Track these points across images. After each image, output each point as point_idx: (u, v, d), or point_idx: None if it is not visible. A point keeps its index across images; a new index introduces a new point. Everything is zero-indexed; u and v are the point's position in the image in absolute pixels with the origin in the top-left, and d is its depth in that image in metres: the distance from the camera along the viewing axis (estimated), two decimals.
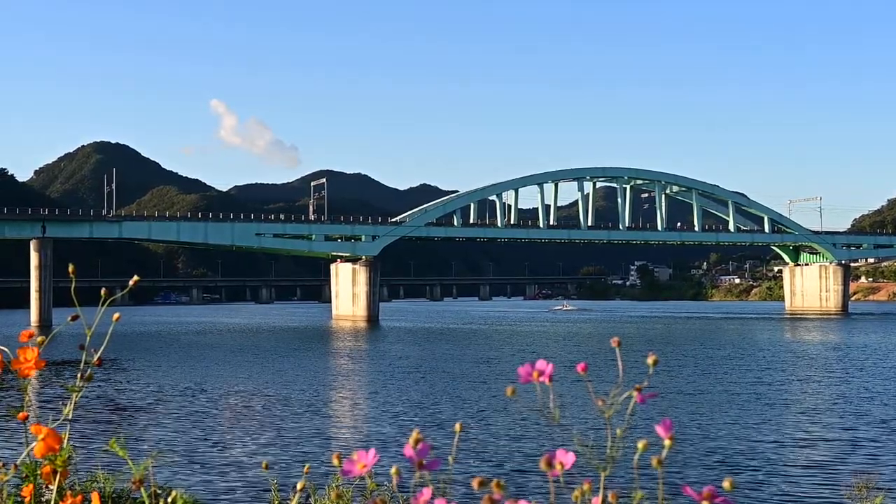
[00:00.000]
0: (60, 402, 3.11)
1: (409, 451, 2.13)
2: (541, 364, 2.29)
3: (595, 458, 2.18)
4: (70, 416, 2.98)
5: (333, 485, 9.43)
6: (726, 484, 2.07)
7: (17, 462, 2.94)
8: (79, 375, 2.95)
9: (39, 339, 2.81)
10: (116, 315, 3.03)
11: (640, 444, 2.20)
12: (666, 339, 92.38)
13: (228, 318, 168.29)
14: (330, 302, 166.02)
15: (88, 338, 2.97)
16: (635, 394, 2.25)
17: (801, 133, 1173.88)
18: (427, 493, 2.03)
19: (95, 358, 2.98)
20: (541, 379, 2.26)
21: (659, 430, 2.16)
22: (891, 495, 19.91)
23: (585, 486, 2.20)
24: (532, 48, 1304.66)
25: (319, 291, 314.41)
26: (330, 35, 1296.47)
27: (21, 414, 2.91)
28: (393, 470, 2.23)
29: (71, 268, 3.41)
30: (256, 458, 26.33)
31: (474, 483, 2.02)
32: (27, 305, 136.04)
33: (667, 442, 2.16)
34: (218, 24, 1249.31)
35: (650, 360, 2.34)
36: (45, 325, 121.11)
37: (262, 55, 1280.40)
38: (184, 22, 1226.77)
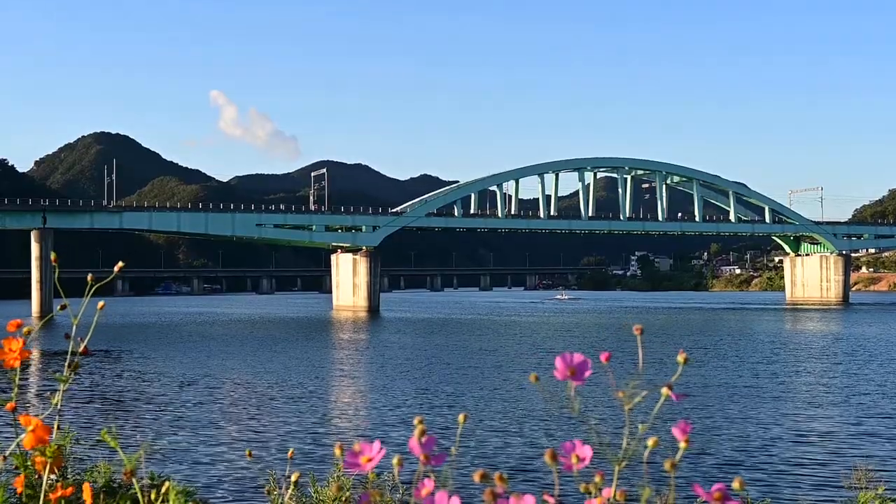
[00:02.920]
0: (50, 393, 3.12)
1: (414, 444, 2.05)
2: (578, 358, 2.18)
3: (609, 453, 2.11)
4: (59, 406, 2.95)
5: (335, 475, 9.38)
6: (736, 484, 2.02)
7: (6, 453, 2.92)
8: (66, 365, 2.93)
9: (26, 329, 2.77)
10: (101, 304, 2.99)
11: (651, 442, 2.12)
12: (666, 330, 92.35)
13: (229, 308, 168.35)
14: (331, 292, 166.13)
15: (74, 327, 2.94)
16: (666, 391, 2.15)
17: (802, 123, 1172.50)
18: (429, 484, 1.97)
19: (81, 347, 2.95)
20: (577, 382, 2.15)
21: (675, 431, 2.06)
22: (892, 484, 19.89)
23: (597, 479, 2.14)
24: (533, 39, 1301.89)
25: (320, 282, 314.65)
26: (330, 25, 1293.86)
27: (9, 404, 2.87)
28: (395, 460, 2.18)
29: (53, 256, 3.38)
30: (254, 449, 26.36)
31: (476, 476, 1.96)
32: (28, 296, 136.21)
33: (682, 445, 2.07)
34: (217, 14, 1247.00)
35: (680, 359, 2.24)
36: (46, 315, 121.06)
37: (261, 46, 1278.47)
38: (184, 14, 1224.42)
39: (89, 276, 2.96)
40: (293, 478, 3.14)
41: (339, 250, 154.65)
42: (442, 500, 1.90)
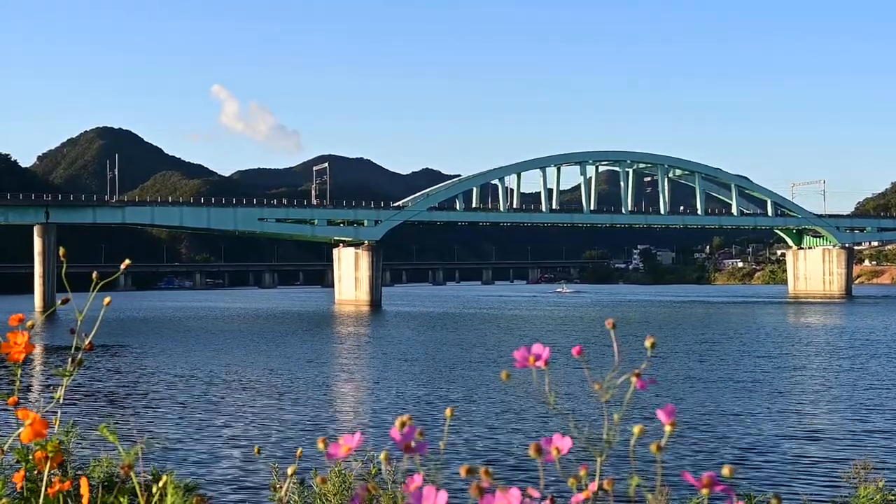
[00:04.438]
0: (52, 388, 3.12)
1: (395, 434, 2.08)
2: (537, 348, 2.22)
3: (591, 444, 2.13)
4: (61, 401, 2.96)
5: (335, 468, 9.40)
6: (726, 471, 2.03)
7: (5, 447, 2.92)
8: (70, 360, 2.94)
9: (29, 323, 2.76)
10: (107, 299, 3.00)
11: (636, 429, 2.14)
12: (668, 323, 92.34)
13: (231, 303, 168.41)
14: (333, 286, 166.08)
15: (79, 322, 2.95)
16: (634, 379, 2.18)
17: (805, 116, 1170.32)
18: (418, 478, 1.98)
19: (86, 342, 2.95)
20: (537, 364, 2.19)
21: (660, 414, 2.09)
22: (892, 478, 19.90)
23: (581, 472, 2.15)
24: (534, 33, 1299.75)
25: (322, 276, 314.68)
26: (331, 20, 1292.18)
27: (11, 399, 2.87)
28: (382, 455, 2.23)
29: (62, 251, 3.37)
30: (257, 443, 26.40)
31: (462, 471, 1.97)
32: (32, 291, 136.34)
33: (667, 428, 2.09)
34: (218, 9, 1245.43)
35: (648, 343, 2.26)
36: (49, 310, 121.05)
37: (263, 41, 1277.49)
38: (184, 9, 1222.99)
39: (94, 274, 2.96)
40: (290, 471, 3.14)
41: (342, 244, 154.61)
42: (429, 495, 1.90)
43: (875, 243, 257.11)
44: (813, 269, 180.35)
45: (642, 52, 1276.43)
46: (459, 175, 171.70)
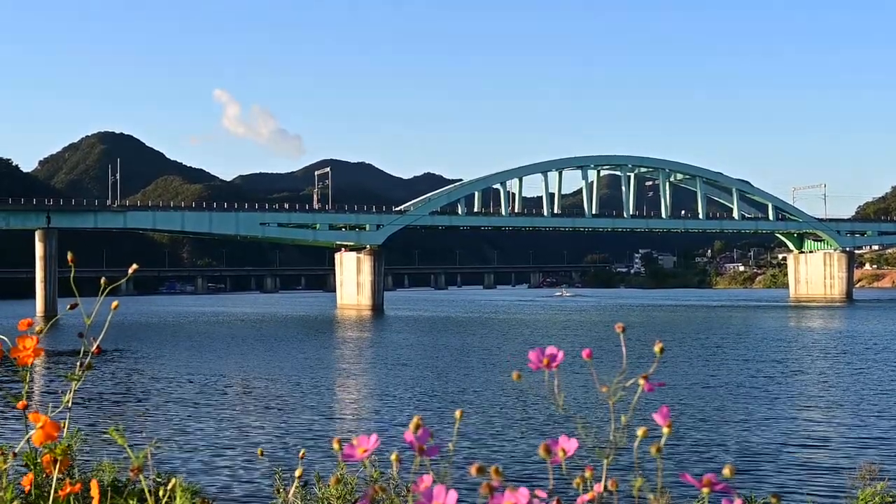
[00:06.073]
0: (60, 392, 3.11)
1: (409, 436, 2.09)
2: (551, 350, 2.23)
3: (598, 446, 2.15)
4: (70, 405, 2.98)
5: (337, 473, 9.42)
6: (726, 471, 2.03)
7: (16, 450, 2.94)
8: (78, 364, 2.97)
9: (38, 327, 2.81)
10: (115, 303, 3.01)
11: (640, 432, 2.15)
12: (670, 327, 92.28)
13: (233, 307, 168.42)
14: (335, 291, 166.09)
15: (88, 327, 2.97)
16: (642, 382, 2.19)
17: (806, 120, 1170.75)
18: (427, 479, 1.98)
19: (94, 346, 2.99)
20: (553, 366, 2.20)
21: (657, 417, 2.11)
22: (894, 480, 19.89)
23: (587, 473, 2.16)
24: (536, 36, 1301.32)
25: (324, 280, 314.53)
26: (333, 23, 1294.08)
27: (20, 402, 2.89)
28: (393, 456, 2.19)
29: (70, 256, 3.41)
30: (260, 446, 26.42)
31: (472, 469, 1.96)
32: (33, 296, 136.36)
33: (665, 430, 2.11)
34: (219, 12, 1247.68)
35: (657, 349, 2.30)
36: (50, 315, 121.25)
37: (264, 45, 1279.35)
38: (185, 12, 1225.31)
39: (103, 280, 2.99)
40: (297, 473, 3.15)
41: (343, 249, 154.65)
42: (440, 494, 1.89)
43: (876, 247, 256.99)
44: (814, 273, 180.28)
45: (643, 56, 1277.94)
46: (461, 179, 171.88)
